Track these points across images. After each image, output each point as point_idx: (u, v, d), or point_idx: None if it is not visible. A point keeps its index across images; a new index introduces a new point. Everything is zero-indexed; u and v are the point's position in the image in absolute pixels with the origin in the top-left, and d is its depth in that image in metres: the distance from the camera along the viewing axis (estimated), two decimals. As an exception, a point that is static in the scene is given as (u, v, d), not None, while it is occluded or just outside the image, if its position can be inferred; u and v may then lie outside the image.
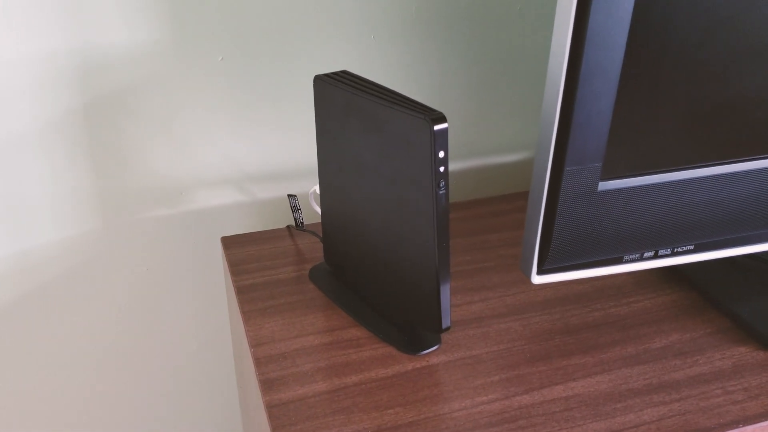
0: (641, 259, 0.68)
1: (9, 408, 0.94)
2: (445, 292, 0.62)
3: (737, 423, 0.58)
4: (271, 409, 0.60)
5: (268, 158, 0.90)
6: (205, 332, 0.99)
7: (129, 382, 0.99)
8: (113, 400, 0.99)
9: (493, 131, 0.99)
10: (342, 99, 0.65)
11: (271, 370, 0.64)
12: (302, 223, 0.84)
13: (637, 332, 0.69)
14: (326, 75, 0.67)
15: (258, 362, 0.65)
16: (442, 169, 0.57)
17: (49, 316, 0.91)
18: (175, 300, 0.95)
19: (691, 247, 0.69)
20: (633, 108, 0.58)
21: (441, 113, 0.56)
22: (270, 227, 0.94)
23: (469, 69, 0.93)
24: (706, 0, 0.55)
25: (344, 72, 0.68)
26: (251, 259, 0.80)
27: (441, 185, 0.57)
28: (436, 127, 0.56)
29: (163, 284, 0.94)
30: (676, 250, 0.69)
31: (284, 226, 0.93)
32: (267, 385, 0.62)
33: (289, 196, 0.83)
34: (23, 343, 0.91)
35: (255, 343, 0.67)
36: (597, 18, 0.52)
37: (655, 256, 0.68)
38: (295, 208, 0.83)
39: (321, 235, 0.82)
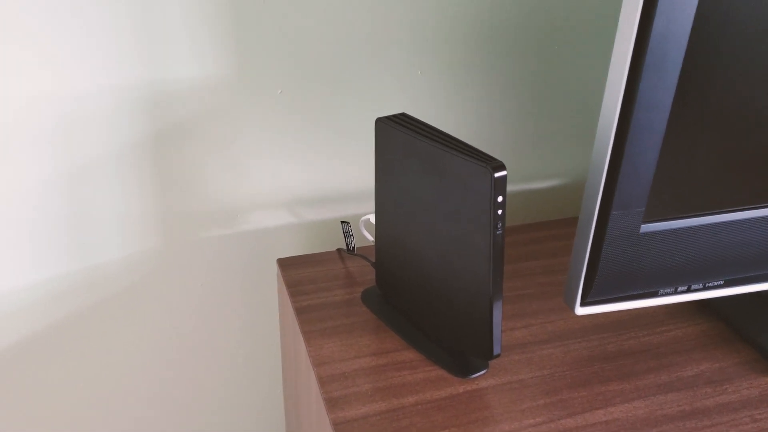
0: (675, 293, 0.73)
1: (69, 412, 1.00)
2: (497, 322, 0.67)
3: (765, 449, 0.64)
4: (337, 427, 0.65)
5: (319, 184, 0.96)
6: (253, 344, 1.05)
7: (178, 389, 1.05)
8: (162, 406, 1.05)
9: (533, 159, 1.04)
10: (402, 141, 0.70)
11: (334, 389, 0.70)
12: (354, 248, 0.90)
13: (670, 360, 0.74)
14: (387, 117, 0.73)
15: (322, 381, 0.71)
16: (500, 212, 0.63)
17: (111, 328, 0.97)
18: (226, 314, 1.01)
19: (722, 282, 0.74)
20: (675, 160, 0.64)
21: (501, 162, 0.62)
22: (318, 249, 1.00)
23: (510, 101, 0.99)
24: (748, 63, 0.61)
25: (403, 115, 0.73)
26: (306, 281, 0.86)
27: (498, 226, 0.63)
28: (497, 175, 0.61)
29: (216, 299, 1.00)
30: (707, 285, 0.74)
31: (332, 247, 0.99)
32: (331, 403, 0.68)
33: (342, 222, 0.89)
34: (88, 351, 0.97)
35: (317, 363, 0.73)
36: (647, 82, 0.58)
37: (688, 291, 0.73)
38: (347, 234, 0.89)
39: (372, 260, 0.88)
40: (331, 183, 0.96)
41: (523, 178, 1.06)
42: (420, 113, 0.96)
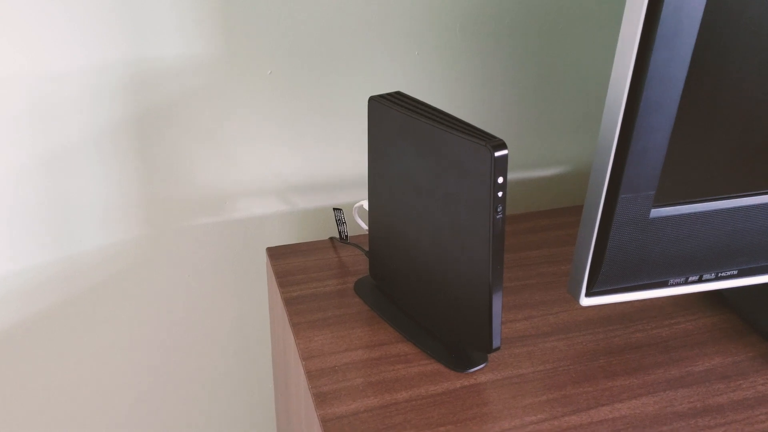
0: (686, 282, 0.69)
1: (51, 407, 0.97)
2: (497, 312, 0.63)
3: (782, 449, 0.60)
4: (326, 423, 0.61)
5: (311, 170, 0.92)
6: (242, 338, 1.01)
7: (165, 385, 1.01)
8: (149, 403, 1.01)
9: (533, 146, 1.00)
10: (396, 120, 0.66)
11: (323, 384, 0.66)
12: (347, 236, 0.86)
13: (680, 354, 0.70)
14: (380, 96, 0.69)
15: (310, 375, 0.66)
16: (500, 194, 0.58)
17: (95, 319, 0.93)
18: (215, 305, 0.97)
19: (735, 272, 0.70)
20: (688, 140, 0.59)
21: (501, 140, 0.57)
22: (310, 237, 0.96)
23: (510, 85, 0.95)
24: (763, 37, 0.57)
25: (398, 93, 0.69)
26: (297, 271, 0.82)
27: (498, 210, 0.59)
28: (497, 154, 0.57)
29: (204, 290, 0.96)
30: (719, 274, 0.70)
31: (324, 236, 0.95)
32: (320, 398, 0.64)
33: (334, 209, 0.85)
34: (70, 344, 0.93)
35: (306, 356, 0.69)
36: (659, 56, 0.53)
37: (700, 281, 0.69)
38: (340, 222, 0.85)
39: (365, 248, 0.84)
40: (324, 168, 0.92)
41: (525, 165, 1.02)
42: (416, 96, 0.92)
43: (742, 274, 0.70)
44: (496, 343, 0.64)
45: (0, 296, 0.87)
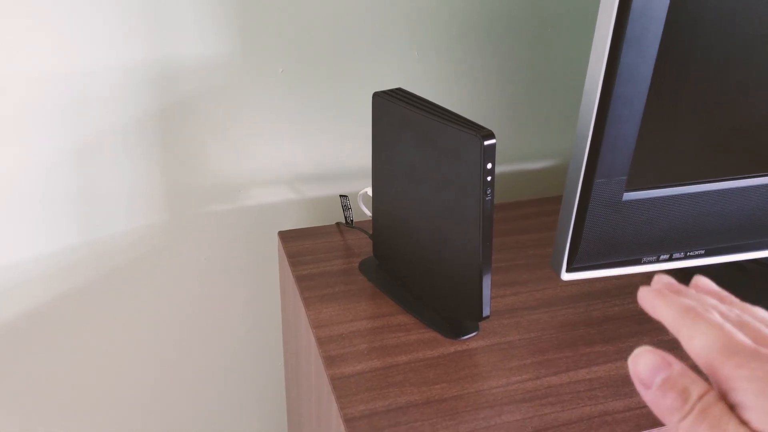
0: (657, 261, 0.77)
1: (75, 382, 1.04)
2: (487, 285, 0.71)
3: (738, 405, 0.67)
4: (335, 382, 0.69)
5: (319, 161, 1.00)
6: (255, 313, 1.08)
7: (184, 357, 1.09)
8: (168, 373, 1.09)
9: (526, 139, 1.08)
10: (398, 114, 0.74)
11: (332, 349, 0.73)
12: (352, 221, 0.93)
13: (652, 326, 0.78)
14: (384, 92, 0.76)
15: (320, 342, 0.74)
16: (489, 178, 0.66)
17: (119, 298, 1.01)
18: (229, 286, 1.05)
19: (702, 252, 0.78)
20: (656, 130, 0.67)
21: (490, 130, 0.65)
22: (318, 223, 1.03)
23: (503, 84, 1.03)
24: (724, 38, 0.64)
25: (399, 89, 0.77)
26: (306, 252, 0.90)
27: (488, 193, 0.67)
28: (486, 142, 0.65)
29: (220, 271, 1.04)
30: (688, 253, 0.78)
31: (331, 221, 1.02)
32: (329, 361, 0.72)
33: (341, 196, 0.93)
34: (95, 321, 1.01)
35: (316, 325, 0.77)
36: (627, 57, 0.61)
37: (670, 259, 0.77)
38: (346, 207, 0.92)
39: (369, 231, 0.91)
40: (331, 159, 1.00)
41: (517, 158, 1.09)
42: (415, 93, 0.99)
43: (708, 253, 0.78)
44: (485, 312, 0.72)
45: (33, 276, 0.95)
